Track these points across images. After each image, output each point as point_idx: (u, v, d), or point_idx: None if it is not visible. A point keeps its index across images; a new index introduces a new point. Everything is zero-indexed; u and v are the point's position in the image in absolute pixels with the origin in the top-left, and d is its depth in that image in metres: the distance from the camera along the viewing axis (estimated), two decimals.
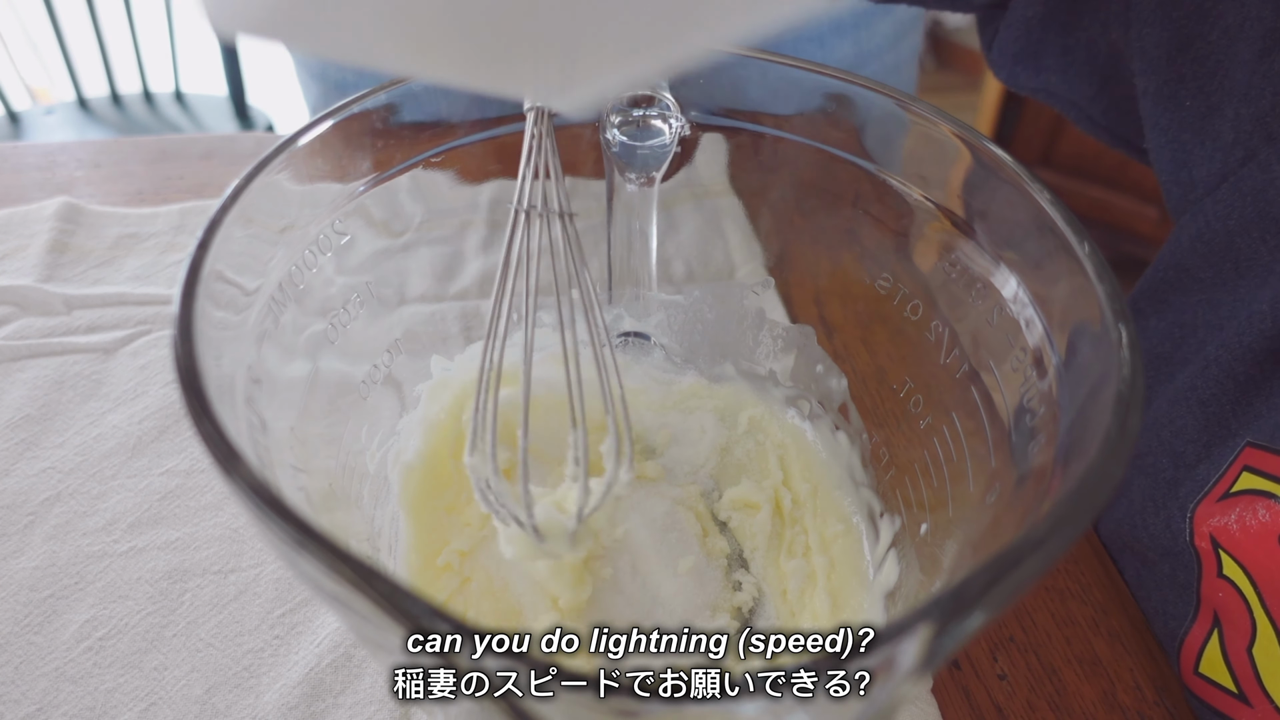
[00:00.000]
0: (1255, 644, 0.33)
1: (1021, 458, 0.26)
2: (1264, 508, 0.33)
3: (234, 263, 0.25)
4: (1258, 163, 0.35)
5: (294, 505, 0.18)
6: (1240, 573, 0.34)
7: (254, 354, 0.26)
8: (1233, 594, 0.34)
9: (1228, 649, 0.34)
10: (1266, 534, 0.33)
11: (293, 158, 0.28)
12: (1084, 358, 0.23)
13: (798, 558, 0.35)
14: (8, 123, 1.34)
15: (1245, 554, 0.34)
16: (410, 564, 0.33)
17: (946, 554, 0.30)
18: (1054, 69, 0.46)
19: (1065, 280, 0.25)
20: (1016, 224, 0.28)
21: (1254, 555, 0.33)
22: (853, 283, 0.37)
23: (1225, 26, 0.36)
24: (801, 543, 0.35)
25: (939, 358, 0.32)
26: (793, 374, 0.39)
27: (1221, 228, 0.36)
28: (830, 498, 0.36)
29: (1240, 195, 0.35)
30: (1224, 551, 0.34)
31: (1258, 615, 0.33)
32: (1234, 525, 0.34)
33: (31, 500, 0.40)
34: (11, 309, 0.48)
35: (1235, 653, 0.34)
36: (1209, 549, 0.35)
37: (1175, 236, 0.39)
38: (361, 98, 0.30)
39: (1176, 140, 0.38)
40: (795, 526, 0.36)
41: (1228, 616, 0.35)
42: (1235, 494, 0.34)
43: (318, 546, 0.17)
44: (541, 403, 0.39)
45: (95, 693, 0.34)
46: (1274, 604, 0.33)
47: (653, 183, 0.35)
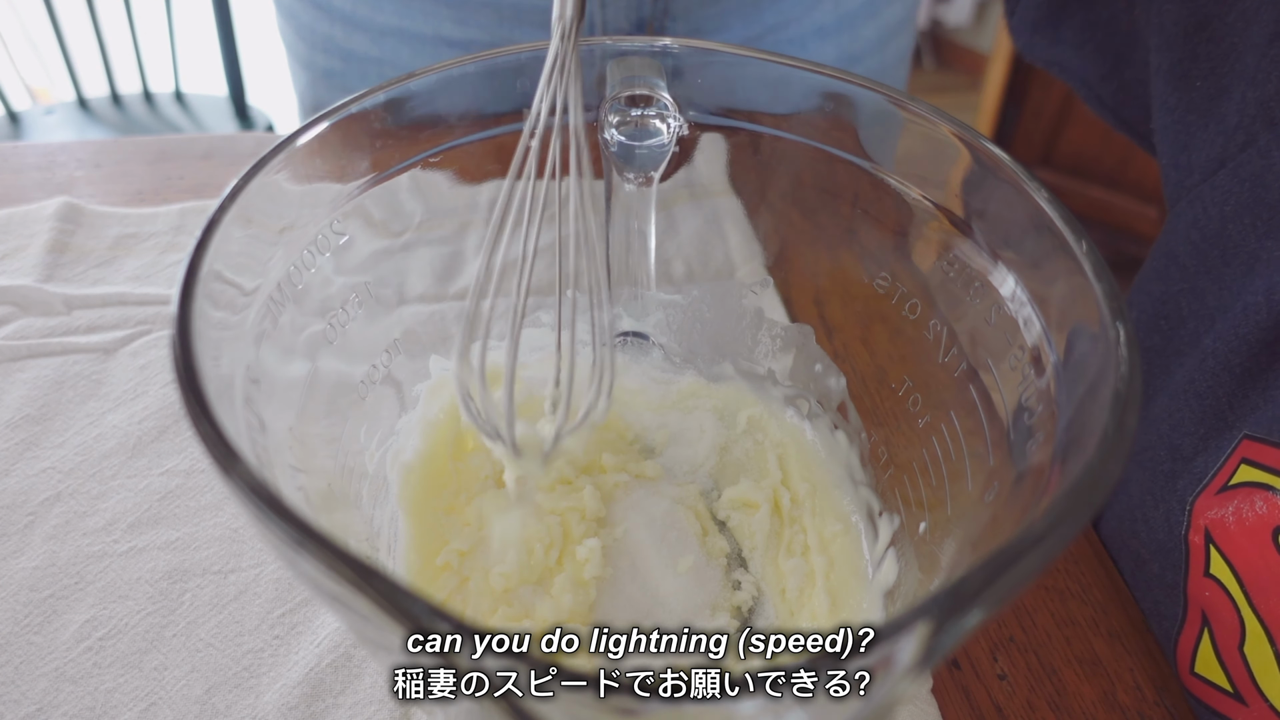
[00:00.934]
0: (1245, 643, 0.33)
1: (1020, 456, 0.26)
2: (1262, 500, 0.33)
3: (232, 263, 0.25)
4: (1257, 148, 0.35)
5: (293, 505, 0.18)
6: (1227, 571, 0.34)
7: (253, 354, 0.26)
8: (1219, 593, 0.34)
9: (1220, 649, 0.34)
10: (1262, 527, 0.32)
11: (291, 158, 0.28)
12: (1081, 356, 0.23)
13: (796, 556, 0.35)
14: (8, 123, 1.34)
15: (1236, 549, 0.34)
16: (409, 564, 0.33)
17: (945, 552, 0.30)
18: (1070, 42, 0.46)
19: (1063, 279, 0.25)
20: (1015, 223, 0.28)
21: (1245, 550, 0.33)
22: (852, 282, 0.37)
23: (1243, 9, 0.36)
24: (800, 542, 0.35)
25: (938, 356, 0.32)
26: (791, 373, 0.39)
27: (1216, 213, 0.36)
28: (829, 497, 0.36)
29: (1238, 180, 0.35)
30: (1215, 547, 0.34)
31: (1245, 614, 0.33)
32: (1230, 518, 0.34)
33: (31, 500, 0.40)
34: (11, 309, 0.48)
35: (1228, 652, 0.34)
36: (1200, 544, 0.35)
37: (1169, 225, 0.39)
38: (360, 97, 0.30)
39: (1182, 121, 0.38)
40: (794, 526, 0.36)
41: (1215, 616, 0.35)
42: (1233, 487, 0.34)
43: (317, 546, 0.17)
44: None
45: (95, 693, 0.34)
46: (1260, 601, 0.33)
47: (651, 182, 0.35)
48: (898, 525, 0.34)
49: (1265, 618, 0.33)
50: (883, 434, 0.36)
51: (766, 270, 0.45)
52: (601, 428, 0.36)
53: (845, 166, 0.34)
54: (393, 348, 0.36)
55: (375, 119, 0.31)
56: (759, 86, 0.34)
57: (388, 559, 0.33)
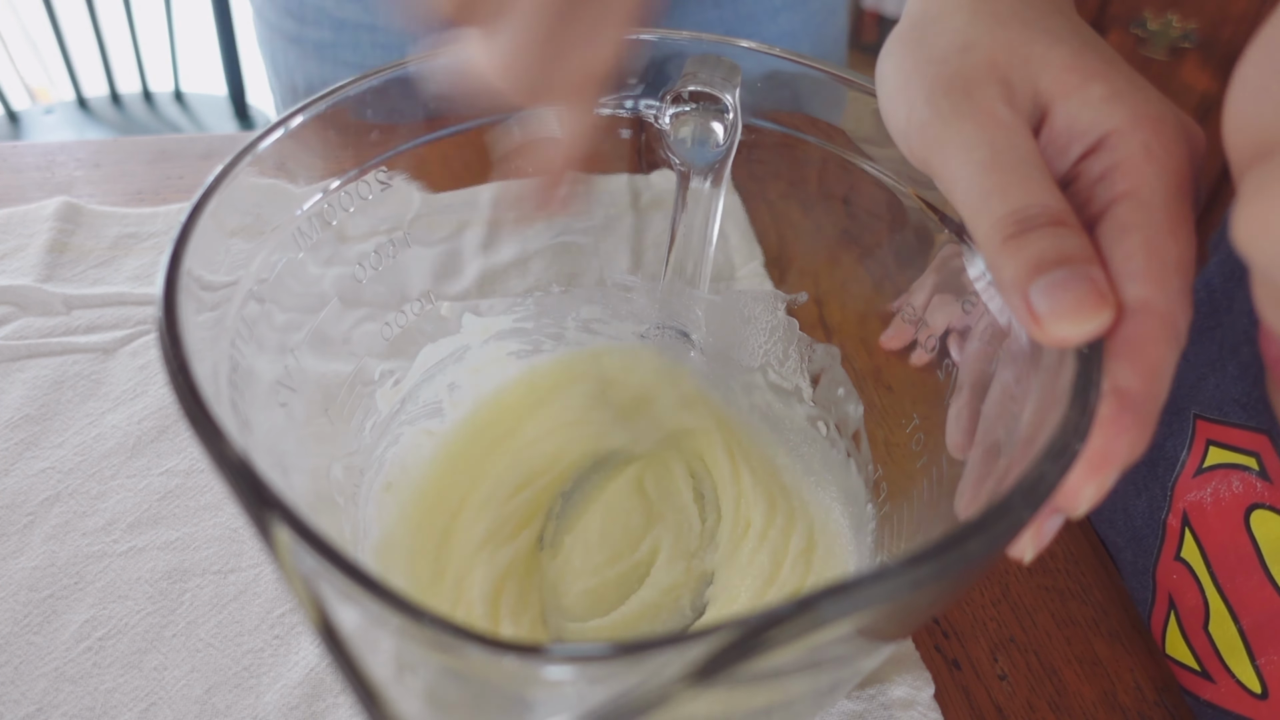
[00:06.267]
0: (1210, 622, 0.34)
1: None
2: (1239, 480, 0.34)
3: (210, 261, 0.25)
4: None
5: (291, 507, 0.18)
6: (1197, 553, 0.35)
7: (238, 355, 0.26)
8: (1186, 575, 0.36)
9: (1186, 629, 0.36)
10: (1236, 506, 0.33)
11: (275, 149, 0.27)
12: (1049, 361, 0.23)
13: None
14: (7, 122, 1.34)
15: (1209, 530, 0.35)
16: (407, 567, 0.33)
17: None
18: None
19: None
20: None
21: (1217, 530, 0.34)
22: (852, 282, 0.37)
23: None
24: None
25: (937, 375, 0.31)
26: (815, 394, 0.39)
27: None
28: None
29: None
30: (1190, 529, 0.35)
31: (1210, 594, 0.34)
32: (1208, 499, 0.35)
33: (31, 500, 0.40)
34: (11, 309, 0.48)
35: (1193, 632, 0.35)
36: (1177, 528, 0.36)
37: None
38: (342, 87, 0.29)
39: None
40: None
41: (1181, 598, 0.36)
42: (1209, 469, 0.35)
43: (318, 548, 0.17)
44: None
45: (95, 693, 0.34)
46: (1225, 579, 0.34)
47: (720, 181, 0.35)
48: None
49: (1229, 596, 0.34)
50: (886, 471, 0.36)
51: (766, 270, 0.45)
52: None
53: (846, 166, 0.34)
54: (390, 348, 0.36)
55: (359, 109, 0.30)
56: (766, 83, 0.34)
57: (374, 559, 0.33)
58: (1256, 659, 0.33)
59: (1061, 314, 0.20)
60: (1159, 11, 1.34)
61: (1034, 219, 0.21)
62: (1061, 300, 0.20)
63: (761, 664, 0.16)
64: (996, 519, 0.18)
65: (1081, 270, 0.21)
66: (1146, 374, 0.21)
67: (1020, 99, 0.24)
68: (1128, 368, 0.21)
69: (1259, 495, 0.33)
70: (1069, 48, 0.24)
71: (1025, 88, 0.24)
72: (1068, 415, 0.20)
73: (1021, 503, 0.19)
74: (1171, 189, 0.22)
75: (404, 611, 0.16)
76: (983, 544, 0.18)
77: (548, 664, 0.16)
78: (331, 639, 0.16)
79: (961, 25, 0.25)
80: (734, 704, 0.19)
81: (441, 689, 0.18)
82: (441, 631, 0.16)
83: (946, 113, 0.23)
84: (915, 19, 0.27)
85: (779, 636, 0.16)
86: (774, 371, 0.39)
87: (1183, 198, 0.22)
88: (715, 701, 0.18)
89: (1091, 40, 0.25)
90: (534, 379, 0.40)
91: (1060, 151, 0.24)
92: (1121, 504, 0.39)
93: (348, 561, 0.17)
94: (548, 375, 0.40)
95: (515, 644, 0.16)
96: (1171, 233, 0.22)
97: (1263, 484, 0.33)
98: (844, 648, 0.19)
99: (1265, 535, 0.32)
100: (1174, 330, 0.21)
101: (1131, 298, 0.21)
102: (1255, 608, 0.33)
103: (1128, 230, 0.22)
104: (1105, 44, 0.25)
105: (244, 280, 0.27)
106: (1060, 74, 0.24)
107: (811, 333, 0.39)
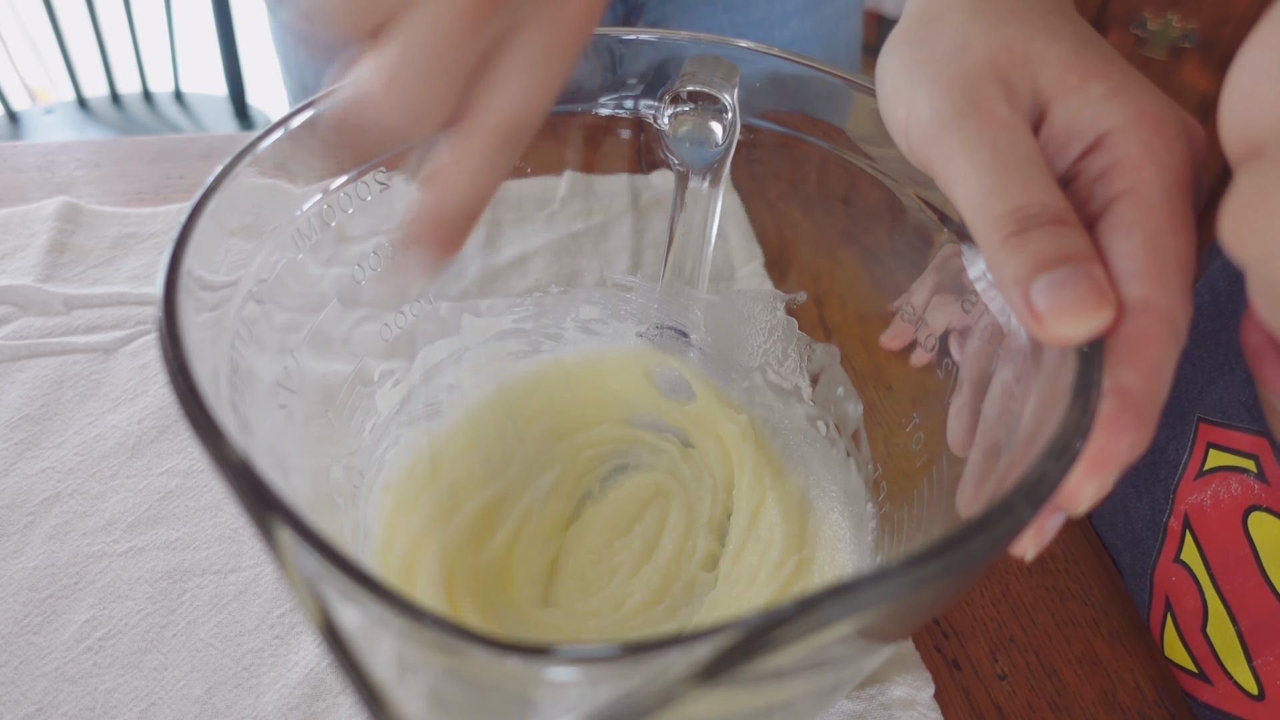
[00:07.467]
0: (1208, 624, 0.34)
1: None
2: (1237, 482, 0.34)
3: (209, 262, 0.25)
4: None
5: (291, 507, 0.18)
6: (1196, 555, 0.35)
7: (238, 355, 0.26)
8: (1185, 577, 0.36)
9: (1183, 631, 0.36)
10: (1235, 507, 0.34)
11: (275, 149, 0.27)
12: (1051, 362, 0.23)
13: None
14: (7, 122, 1.34)
15: (1209, 532, 0.35)
16: (405, 567, 0.33)
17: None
18: None
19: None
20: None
21: (1217, 532, 0.35)
22: (852, 282, 0.37)
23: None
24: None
25: (936, 375, 0.31)
26: (815, 393, 0.39)
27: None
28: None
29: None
30: (1190, 532, 0.36)
31: (1209, 596, 0.34)
32: (1208, 501, 0.35)
33: (31, 500, 0.40)
34: (11, 309, 0.48)
35: (1191, 634, 0.35)
36: (1178, 530, 0.36)
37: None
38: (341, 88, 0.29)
39: None
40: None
41: (1178, 600, 0.36)
42: (1210, 472, 0.35)
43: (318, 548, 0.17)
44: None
45: (95, 693, 0.34)
46: (1224, 580, 0.34)
47: (719, 181, 0.35)
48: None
49: (1228, 597, 0.34)
50: (886, 469, 0.35)
51: (766, 270, 0.45)
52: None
53: (846, 166, 0.34)
54: (390, 348, 0.36)
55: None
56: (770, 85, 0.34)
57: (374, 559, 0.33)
58: (1253, 660, 0.33)
59: (1062, 312, 0.20)
60: (1159, 11, 1.35)
61: (1035, 217, 0.21)
62: (1062, 298, 0.20)
63: (765, 664, 0.16)
64: (998, 518, 0.18)
65: (1082, 269, 0.21)
66: (1147, 373, 0.21)
67: (1020, 97, 0.24)
68: (1128, 367, 0.21)
69: (1257, 497, 0.33)
70: (1069, 46, 0.24)
71: (1025, 86, 0.24)
72: (1069, 414, 0.20)
73: (1023, 502, 0.19)
74: (1172, 187, 0.22)
75: (406, 613, 0.16)
76: (985, 543, 0.18)
77: (551, 665, 0.16)
78: (334, 640, 0.16)
79: (961, 24, 0.25)
80: (735, 705, 0.19)
81: (444, 689, 0.18)
82: (443, 633, 0.16)
83: (947, 112, 0.24)
84: (915, 18, 0.27)
85: (782, 637, 0.16)
86: (773, 371, 0.39)
87: (1183, 196, 0.22)
88: (717, 702, 0.18)
89: (1091, 39, 0.25)
90: (535, 380, 0.40)
91: (1060, 150, 0.24)
92: (1122, 506, 0.39)
93: (350, 563, 0.17)
94: (549, 375, 0.40)
95: (519, 645, 0.16)
96: (1172, 231, 0.22)
97: (1261, 486, 0.33)
98: (846, 648, 0.19)
99: (1263, 537, 0.33)
100: (1174, 329, 0.21)
101: (1132, 297, 0.21)
102: (1253, 609, 0.33)
103: (1128, 229, 0.22)
104: (1105, 43, 0.25)
105: (244, 280, 0.27)
106: (1060, 72, 0.24)
107: (811, 332, 0.39)
